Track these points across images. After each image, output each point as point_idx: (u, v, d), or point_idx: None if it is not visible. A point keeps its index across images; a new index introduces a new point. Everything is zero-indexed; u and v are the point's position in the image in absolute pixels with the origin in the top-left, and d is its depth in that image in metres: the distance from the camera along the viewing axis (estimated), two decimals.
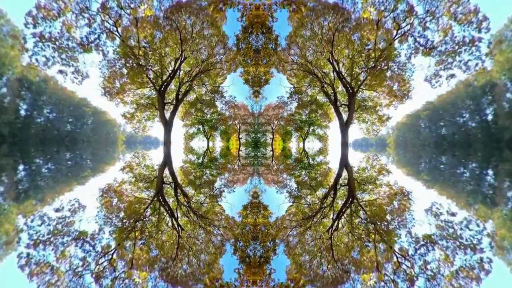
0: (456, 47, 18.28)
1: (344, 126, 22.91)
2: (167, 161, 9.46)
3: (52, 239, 1.94)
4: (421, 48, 18.98)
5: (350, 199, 3.44)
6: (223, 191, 4.04)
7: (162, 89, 22.40)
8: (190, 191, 4.17)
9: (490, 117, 28.21)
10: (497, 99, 26.66)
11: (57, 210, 2.69)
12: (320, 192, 4.15)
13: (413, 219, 2.61)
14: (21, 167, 6.65)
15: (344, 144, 23.04)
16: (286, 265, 1.81)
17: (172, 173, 5.91)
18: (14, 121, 24.18)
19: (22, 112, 26.18)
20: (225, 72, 24.50)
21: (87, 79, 21.12)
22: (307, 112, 30.53)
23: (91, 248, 1.81)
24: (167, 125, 22.75)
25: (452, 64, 19.07)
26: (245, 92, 29.52)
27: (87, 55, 19.41)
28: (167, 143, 22.66)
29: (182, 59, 21.78)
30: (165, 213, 2.78)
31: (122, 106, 23.93)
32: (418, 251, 1.82)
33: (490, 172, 7.16)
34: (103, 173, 5.62)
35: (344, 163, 9.47)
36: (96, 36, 18.62)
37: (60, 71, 19.16)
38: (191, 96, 28.14)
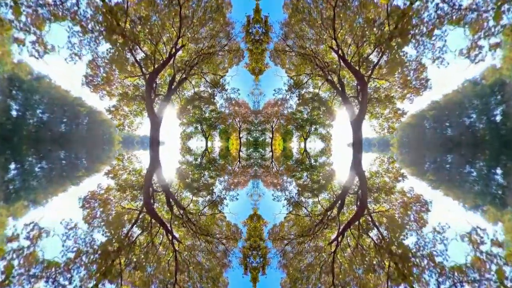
0: (495, 7, 14.31)
1: (357, 120, 19.30)
2: (155, 166, 8.83)
3: (11, 278, 1.66)
4: (447, 16, 15.10)
5: (361, 213, 3.24)
6: (225, 198, 3.84)
7: (151, 76, 19.74)
8: (187, 194, 3.99)
9: (498, 118, 27.77)
10: (507, 99, 26.18)
11: (10, 240, 2.17)
12: (323, 196, 3.95)
13: (440, 239, 2.35)
14: (12, 166, 6.48)
15: (357, 144, 19.37)
16: (281, 277, 1.75)
17: (162, 180, 5.64)
18: (5, 122, 23.84)
19: (13, 113, 25.79)
20: (227, 66, 23.08)
21: (74, 67, 18.38)
22: (308, 109, 29.69)
23: (66, 283, 1.59)
24: (156, 119, 19.99)
25: (495, 29, 14.71)
26: (247, 88, 28.22)
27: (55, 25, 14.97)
28: (154, 142, 19.89)
29: (179, 46, 19.65)
30: (157, 227, 2.58)
31: (109, 99, 21.07)
32: (442, 286, 1.60)
33: (500, 171, 6.99)
34: (88, 177, 5.38)
35: (357, 169, 8.30)
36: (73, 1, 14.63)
37: (15, 39, 15.00)
38: (188, 92, 26.47)
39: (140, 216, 2.88)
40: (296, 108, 29.52)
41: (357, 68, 19.25)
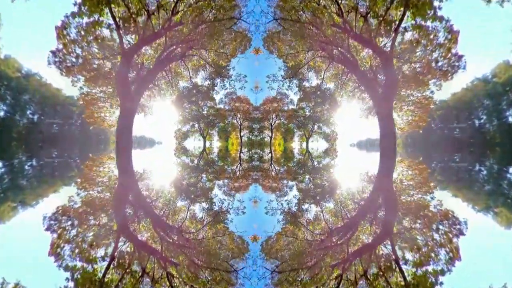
0: None
1: (386, 103, 13.53)
2: (125, 173, 7.12)
3: None
4: None
5: (381, 239, 2.66)
6: (228, 211, 3.31)
7: (133, 48, 15.31)
8: (182, 203, 3.49)
9: (511, 119, 26.88)
10: None
11: None
12: (333, 208, 3.42)
13: None
14: None
15: (388, 141, 13.25)
16: None
17: (142, 193, 4.76)
18: None
19: (1, 113, 24.83)
20: (229, 56, 20.52)
21: None
22: (311, 106, 28.47)
23: None
24: (129, 103, 14.95)
25: None
26: (249, 84, 25.28)
27: None
28: (123, 136, 14.35)
29: (175, 23, 16.00)
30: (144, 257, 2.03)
31: (83, 85, 16.54)
32: None
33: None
34: (66, 186, 4.62)
35: (385, 181, 5.88)
36: None
37: None
38: (184, 83, 23.66)
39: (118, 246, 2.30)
40: (297, 104, 28.51)
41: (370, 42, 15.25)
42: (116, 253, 2.15)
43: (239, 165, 9.79)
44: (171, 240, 2.47)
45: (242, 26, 18.59)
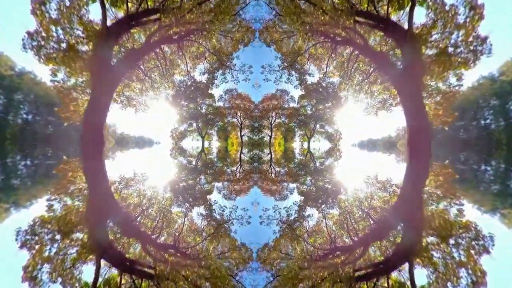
0: None
1: (415, 88, 11.42)
2: (98, 180, 5.91)
3: None
4: None
5: (398, 263, 2.38)
6: (231, 221, 3.06)
7: (119, 24, 13.07)
8: (177, 210, 3.20)
9: None
10: None
11: None
12: (335, 214, 3.13)
13: None
14: None
15: (419, 136, 10.90)
16: None
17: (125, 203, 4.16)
18: None
19: None
20: (233, 45, 19.05)
21: None
22: (312, 103, 27.82)
23: None
24: (102, 94, 12.39)
25: None
26: (251, 80, 23.88)
27: None
28: (88, 134, 11.56)
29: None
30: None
31: (67, 77, 13.98)
32: None
33: None
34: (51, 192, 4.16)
35: (415, 191, 4.90)
36: None
37: None
38: (180, 77, 22.04)
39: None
40: (298, 101, 27.85)
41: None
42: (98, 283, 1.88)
43: (239, 167, 9.54)
44: (165, 257, 2.21)
45: (246, 18, 17.46)
